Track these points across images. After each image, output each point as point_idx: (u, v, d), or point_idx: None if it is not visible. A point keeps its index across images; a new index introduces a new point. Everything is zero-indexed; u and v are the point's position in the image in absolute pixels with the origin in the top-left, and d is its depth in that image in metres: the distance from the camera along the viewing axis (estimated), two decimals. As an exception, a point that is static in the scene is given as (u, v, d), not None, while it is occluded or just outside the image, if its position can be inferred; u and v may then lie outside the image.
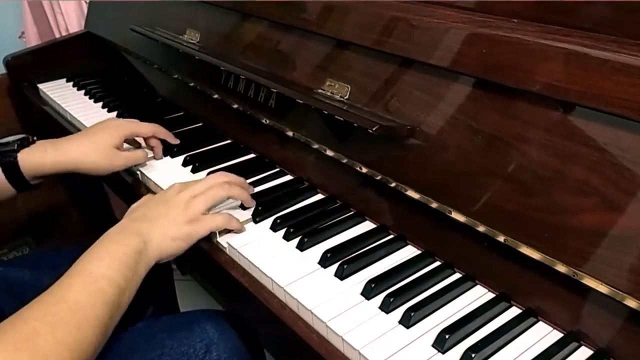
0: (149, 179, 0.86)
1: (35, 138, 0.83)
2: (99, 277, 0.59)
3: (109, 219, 1.46)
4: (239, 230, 0.72)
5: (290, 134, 0.83)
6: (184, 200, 0.70)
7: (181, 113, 1.08)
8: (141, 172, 0.88)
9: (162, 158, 0.91)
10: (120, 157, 0.85)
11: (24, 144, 0.82)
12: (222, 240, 0.71)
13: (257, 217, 0.74)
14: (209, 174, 0.86)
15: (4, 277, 0.80)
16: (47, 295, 0.57)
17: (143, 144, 0.93)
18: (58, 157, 0.82)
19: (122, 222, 0.69)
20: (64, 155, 0.82)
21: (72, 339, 0.54)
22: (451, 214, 0.62)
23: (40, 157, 0.81)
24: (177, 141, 0.93)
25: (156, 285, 0.94)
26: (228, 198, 0.74)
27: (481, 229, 0.59)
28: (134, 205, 0.73)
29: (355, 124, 0.68)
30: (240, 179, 0.77)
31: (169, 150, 0.93)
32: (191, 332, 0.67)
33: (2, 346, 0.50)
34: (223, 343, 0.66)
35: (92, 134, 0.86)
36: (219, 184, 0.72)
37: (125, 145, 0.89)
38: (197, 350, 0.65)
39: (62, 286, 0.58)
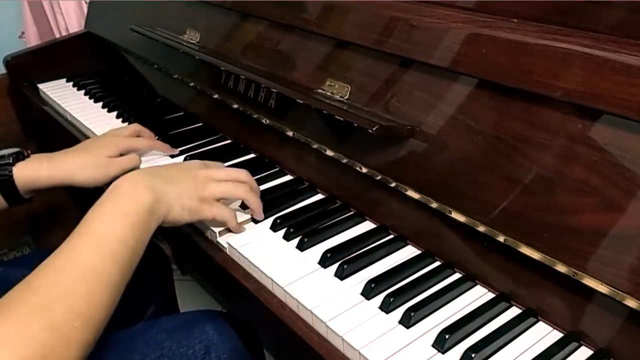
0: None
1: (29, 152, 0.82)
2: (111, 239, 0.58)
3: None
4: (236, 231, 0.71)
5: (290, 134, 0.83)
6: (202, 178, 0.69)
7: (181, 113, 1.08)
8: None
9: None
10: (115, 163, 0.84)
11: (19, 157, 0.81)
12: (222, 240, 0.71)
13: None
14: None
15: (3, 277, 0.80)
16: (57, 259, 0.55)
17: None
18: (52, 171, 0.81)
19: (137, 172, 0.67)
20: (59, 169, 0.82)
21: (85, 306, 0.53)
22: (451, 214, 0.62)
23: (36, 170, 0.81)
24: (177, 151, 0.92)
25: (156, 285, 0.94)
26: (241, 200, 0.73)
27: (481, 229, 0.59)
28: (152, 166, 0.72)
29: (355, 124, 0.68)
30: (258, 189, 0.75)
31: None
32: (190, 333, 0.67)
33: (11, 319, 0.49)
34: (222, 344, 0.66)
35: (88, 147, 0.86)
36: (240, 184, 0.72)
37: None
38: (196, 352, 0.65)
39: (73, 248, 0.56)
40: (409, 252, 0.68)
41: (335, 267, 0.65)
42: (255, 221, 0.74)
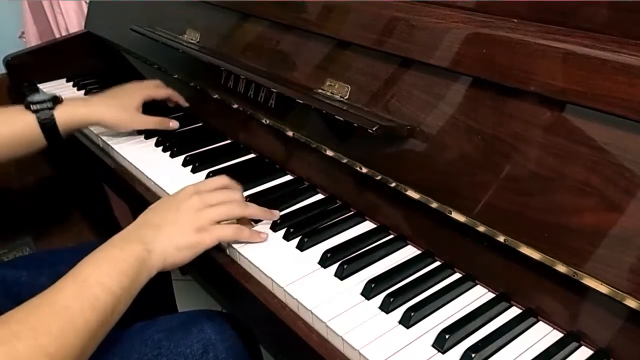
0: (149, 179, 0.86)
1: (62, 98, 0.92)
2: (94, 283, 0.57)
3: (109, 219, 1.47)
4: (253, 240, 0.69)
5: (290, 134, 0.83)
6: (195, 207, 0.67)
7: (181, 113, 1.08)
8: (142, 172, 0.88)
9: (177, 126, 0.99)
10: (139, 117, 0.96)
11: (57, 101, 0.90)
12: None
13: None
14: (208, 174, 0.86)
15: (3, 278, 0.80)
16: (37, 298, 0.55)
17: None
18: (88, 111, 0.92)
19: (129, 227, 0.67)
20: (92, 110, 0.93)
21: (55, 346, 0.51)
22: (451, 214, 0.62)
23: (74, 111, 0.91)
24: (187, 104, 1.05)
25: (154, 285, 0.94)
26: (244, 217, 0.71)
27: (481, 229, 0.59)
28: (146, 210, 0.71)
29: (355, 124, 0.68)
30: (255, 211, 0.73)
31: (169, 150, 0.93)
32: (188, 332, 0.67)
33: None
34: (220, 343, 0.66)
35: (115, 94, 0.98)
36: (237, 201, 0.70)
37: None
38: (194, 351, 0.65)
39: (54, 290, 0.56)
40: (409, 252, 0.68)
41: (335, 267, 0.65)
42: (256, 221, 0.73)
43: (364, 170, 0.72)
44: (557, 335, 0.56)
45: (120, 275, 0.59)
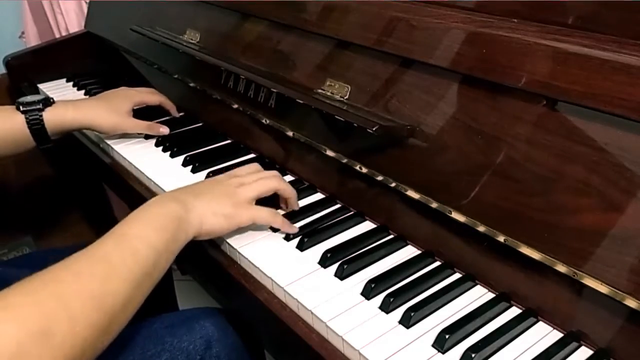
0: (149, 179, 0.86)
1: (53, 99, 0.92)
2: (133, 237, 0.57)
3: (109, 219, 1.46)
4: (285, 229, 0.70)
5: (290, 134, 0.83)
6: (233, 184, 0.70)
7: (181, 113, 1.08)
8: (142, 172, 0.88)
9: (167, 132, 0.98)
10: (130, 121, 0.96)
11: (47, 103, 0.90)
12: (222, 240, 0.71)
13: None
14: (208, 174, 0.86)
15: (4, 277, 0.80)
16: (77, 254, 0.54)
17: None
18: (77, 115, 0.92)
19: (166, 193, 0.69)
20: (82, 113, 0.92)
21: (98, 288, 0.51)
22: (451, 214, 0.62)
23: (63, 114, 0.91)
24: (179, 115, 1.05)
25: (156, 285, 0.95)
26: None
27: (481, 229, 0.59)
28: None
29: (355, 124, 0.68)
30: (289, 188, 0.75)
31: (169, 150, 0.93)
32: (191, 329, 0.67)
33: (19, 289, 0.48)
34: (223, 340, 0.66)
35: (106, 98, 0.98)
36: (272, 178, 0.73)
37: None
38: (196, 347, 0.65)
39: (93, 245, 0.56)
40: (409, 252, 0.68)
41: (335, 267, 0.65)
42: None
43: (364, 170, 0.72)
44: (557, 335, 0.56)
45: (159, 230, 0.59)
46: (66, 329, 0.47)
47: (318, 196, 0.80)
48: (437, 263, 0.66)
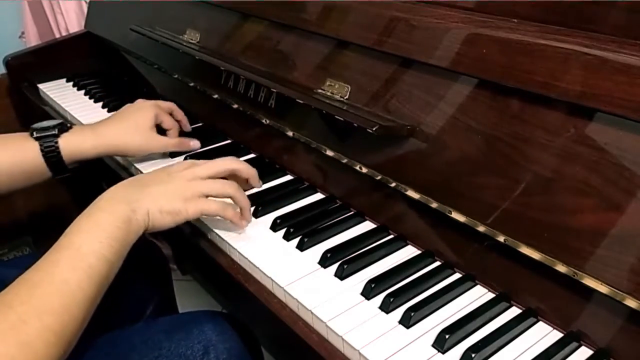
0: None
1: (70, 125, 0.84)
2: (87, 252, 0.57)
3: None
4: (234, 221, 0.70)
5: (290, 134, 0.83)
6: (186, 177, 0.68)
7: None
8: (142, 172, 0.87)
9: (198, 146, 0.91)
10: (157, 139, 0.86)
11: (63, 129, 0.82)
12: (222, 240, 0.71)
13: (257, 217, 0.74)
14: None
15: (3, 278, 0.80)
16: (33, 273, 0.55)
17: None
18: (98, 141, 0.83)
19: (117, 185, 0.67)
20: (103, 139, 0.83)
21: (59, 323, 0.52)
22: (451, 214, 0.62)
23: (81, 141, 0.82)
24: (189, 129, 0.95)
25: (155, 285, 0.94)
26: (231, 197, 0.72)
27: (481, 229, 0.59)
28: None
29: (355, 124, 0.68)
30: (253, 172, 0.74)
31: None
32: (189, 333, 0.67)
33: None
34: (221, 344, 0.66)
35: (126, 116, 0.87)
36: (227, 182, 0.70)
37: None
38: (195, 352, 0.65)
39: (48, 262, 0.56)
40: (409, 252, 0.68)
41: (335, 267, 0.65)
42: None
43: (364, 170, 0.72)
44: (557, 335, 0.56)
45: (110, 240, 0.59)
46: None
47: (318, 196, 0.80)
48: (437, 263, 0.66)
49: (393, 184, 0.68)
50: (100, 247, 0.58)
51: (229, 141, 0.97)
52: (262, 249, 0.68)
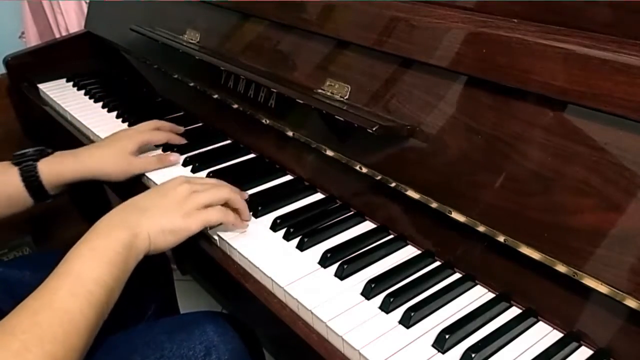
0: (149, 179, 0.86)
1: (50, 150, 0.84)
2: (87, 280, 0.57)
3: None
4: (237, 225, 0.71)
5: (290, 134, 0.83)
6: (182, 194, 0.68)
7: (181, 113, 1.08)
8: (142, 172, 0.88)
9: (179, 160, 0.90)
10: (137, 162, 0.86)
11: (43, 154, 0.83)
12: (222, 240, 0.71)
13: (257, 217, 0.74)
14: (208, 174, 0.86)
15: (4, 278, 0.80)
16: (34, 300, 0.55)
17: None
18: (77, 166, 0.83)
19: (115, 211, 0.67)
20: (82, 164, 0.84)
21: (61, 349, 0.53)
22: (451, 214, 0.62)
23: (60, 166, 0.83)
24: (184, 141, 0.94)
25: (156, 285, 0.94)
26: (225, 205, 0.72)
27: (481, 229, 0.59)
28: (136, 196, 0.71)
29: (355, 124, 0.68)
30: (242, 197, 0.74)
31: (169, 150, 0.93)
32: (191, 334, 0.67)
33: None
34: (223, 345, 0.66)
35: (108, 142, 0.89)
36: (221, 187, 0.72)
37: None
38: (196, 353, 0.65)
39: (48, 289, 0.56)
40: (409, 252, 0.68)
41: (335, 267, 0.65)
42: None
43: (364, 170, 0.72)
44: (557, 335, 0.56)
45: (110, 266, 0.59)
46: None
47: (318, 196, 0.80)
48: (437, 263, 0.66)
49: (393, 184, 0.68)
50: (100, 273, 0.58)
51: (229, 141, 0.97)
52: (262, 249, 0.68)
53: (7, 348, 0.51)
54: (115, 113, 1.09)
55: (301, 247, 0.69)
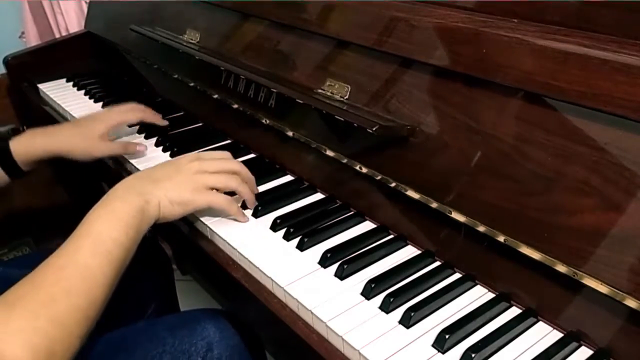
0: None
1: (25, 127, 0.89)
2: (106, 239, 0.61)
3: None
4: (239, 218, 0.72)
5: (290, 134, 0.83)
6: (193, 170, 0.71)
7: (181, 113, 1.08)
8: (138, 169, 0.88)
9: (144, 154, 0.93)
10: (102, 146, 0.90)
11: (15, 132, 0.87)
12: (222, 240, 0.71)
13: (257, 217, 0.74)
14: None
15: (4, 277, 0.80)
16: (57, 258, 0.58)
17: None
18: (46, 143, 0.89)
19: (129, 179, 0.70)
20: (51, 142, 0.89)
21: (84, 302, 0.56)
22: (451, 214, 0.62)
23: (30, 143, 0.88)
24: (166, 123, 0.99)
25: (157, 285, 0.95)
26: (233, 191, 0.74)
27: (481, 229, 0.59)
28: (150, 167, 0.75)
29: (355, 124, 0.68)
30: (252, 178, 0.77)
31: (169, 150, 0.93)
32: (192, 330, 0.67)
33: (20, 312, 0.52)
34: (224, 342, 0.67)
35: (81, 122, 0.94)
36: (233, 175, 0.74)
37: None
38: (198, 349, 0.65)
39: (71, 248, 0.59)
40: (409, 252, 0.68)
41: (335, 267, 0.65)
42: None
43: (364, 170, 0.72)
44: (557, 335, 0.56)
45: (127, 228, 0.63)
46: (65, 346, 0.53)
47: (318, 196, 0.80)
48: (437, 263, 0.66)
49: (393, 184, 0.68)
50: (118, 234, 0.62)
51: (228, 141, 0.97)
52: (262, 249, 0.68)
53: (34, 299, 0.53)
54: (115, 113, 1.09)
55: (301, 247, 0.69)
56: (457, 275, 0.64)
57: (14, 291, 0.54)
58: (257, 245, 0.69)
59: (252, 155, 0.92)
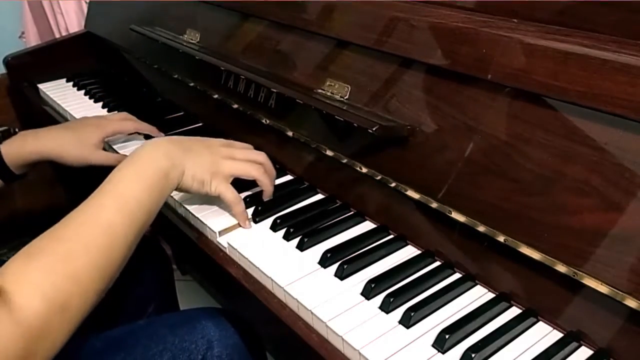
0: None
1: (17, 129, 0.87)
2: (130, 199, 0.61)
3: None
4: (241, 220, 0.72)
5: (290, 133, 0.83)
6: (221, 154, 0.72)
7: (181, 113, 1.08)
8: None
9: None
10: (99, 155, 0.89)
11: (6, 135, 0.86)
12: (222, 240, 0.71)
13: (257, 217, 0.74)
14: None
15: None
16: (80, 213, 0.58)
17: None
18: (37, 147, 0.86)
19: (159, 140, 0.70)
20: (42, 145, 0.86)
21: (103, 260, 0.56)
22: (451, 214, 0.62)
23: (20, 146, 0.86)
24: (162, 135, 0.97)
25: (157, 284, 0.95)
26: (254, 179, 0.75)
27: (481, 229, 0.59)
28: (186, 137, 0.75)
29: (355, 124, 0.68)
30: (274, 172, 0.78)
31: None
32: (193, 328, 0.67)
33: (38, 264, 0.52)
34: (224, 340, 0.67)
35: (74, 126, 0.92)
36: (256, 165, 0.74)
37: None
38: (198, 347, 0.65)
39: (94, 204, 0.60)
40: (409, 252, 0.68)
41: (335, 267, 0.65)
42: (256, 221, 0.73)
43: (364, 170, 0.72)
44: (557, 335, 0.56)
45: (150, 190, 0.63)
46: (80, 302, 0.53)
47: (318, 196, 0.80)
48: (437, 263, 0.66)
49: (393, 184, 0.68)
50: (142, 195, 0.62)
51: (229, 141, 0.97)
52: (262, 249, 0.68)
53: (54, 252, 0.54)
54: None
55: (301, 247, 0.68)
56: (457, 275, 0.64)
57: (36, 243, 0.54)
58: (257, 245, 0.69)
59: (252, 155, 0.92)
